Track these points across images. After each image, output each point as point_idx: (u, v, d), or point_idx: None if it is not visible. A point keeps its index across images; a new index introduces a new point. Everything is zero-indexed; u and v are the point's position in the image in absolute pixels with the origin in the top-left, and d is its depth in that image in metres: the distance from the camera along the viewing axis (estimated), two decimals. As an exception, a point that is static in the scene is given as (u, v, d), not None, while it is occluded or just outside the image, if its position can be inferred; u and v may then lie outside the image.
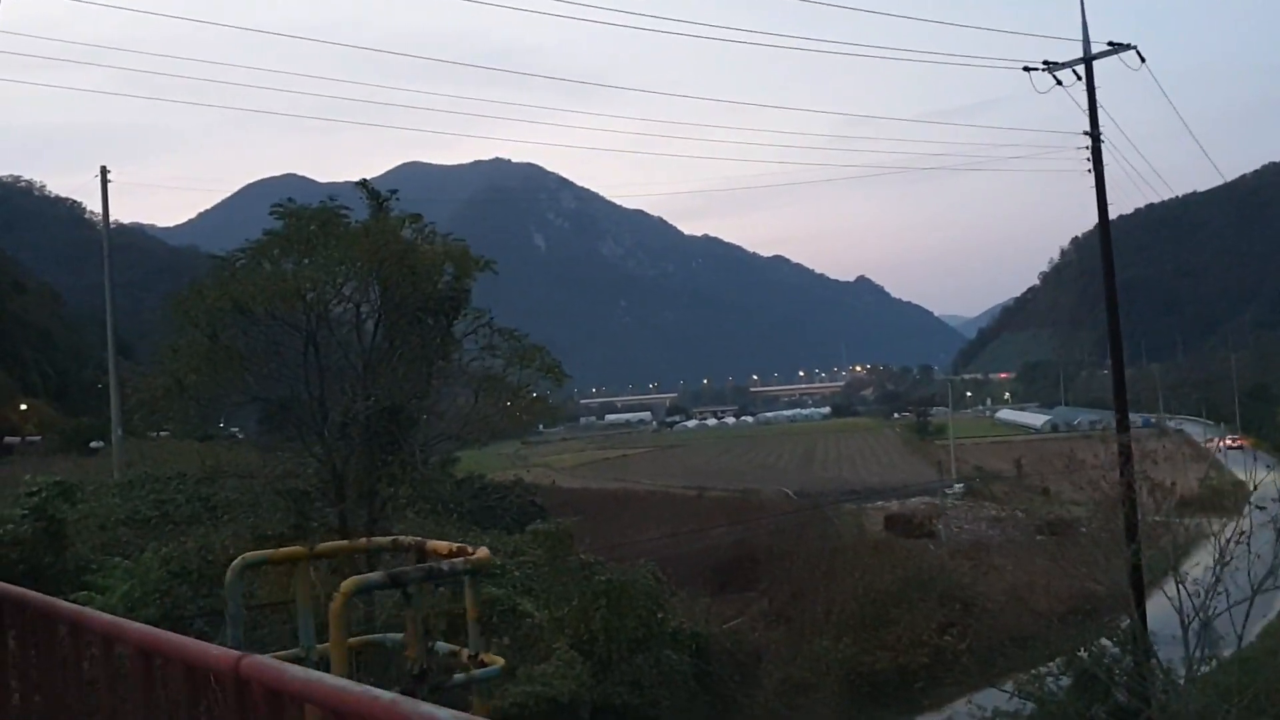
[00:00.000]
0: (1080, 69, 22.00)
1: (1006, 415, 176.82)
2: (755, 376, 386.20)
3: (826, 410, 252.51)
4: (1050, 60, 22.26)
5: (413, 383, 19.89)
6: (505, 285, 23.97)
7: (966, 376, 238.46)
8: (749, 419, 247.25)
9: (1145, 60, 22.46)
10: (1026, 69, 22.26)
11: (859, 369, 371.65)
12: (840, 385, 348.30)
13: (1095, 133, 21.82)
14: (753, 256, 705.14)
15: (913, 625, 24.98)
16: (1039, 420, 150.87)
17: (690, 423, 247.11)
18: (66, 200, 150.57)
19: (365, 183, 21.29)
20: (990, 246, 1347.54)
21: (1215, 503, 21.74)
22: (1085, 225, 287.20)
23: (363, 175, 22.13)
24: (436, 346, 20.33)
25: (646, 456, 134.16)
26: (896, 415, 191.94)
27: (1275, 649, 24.11)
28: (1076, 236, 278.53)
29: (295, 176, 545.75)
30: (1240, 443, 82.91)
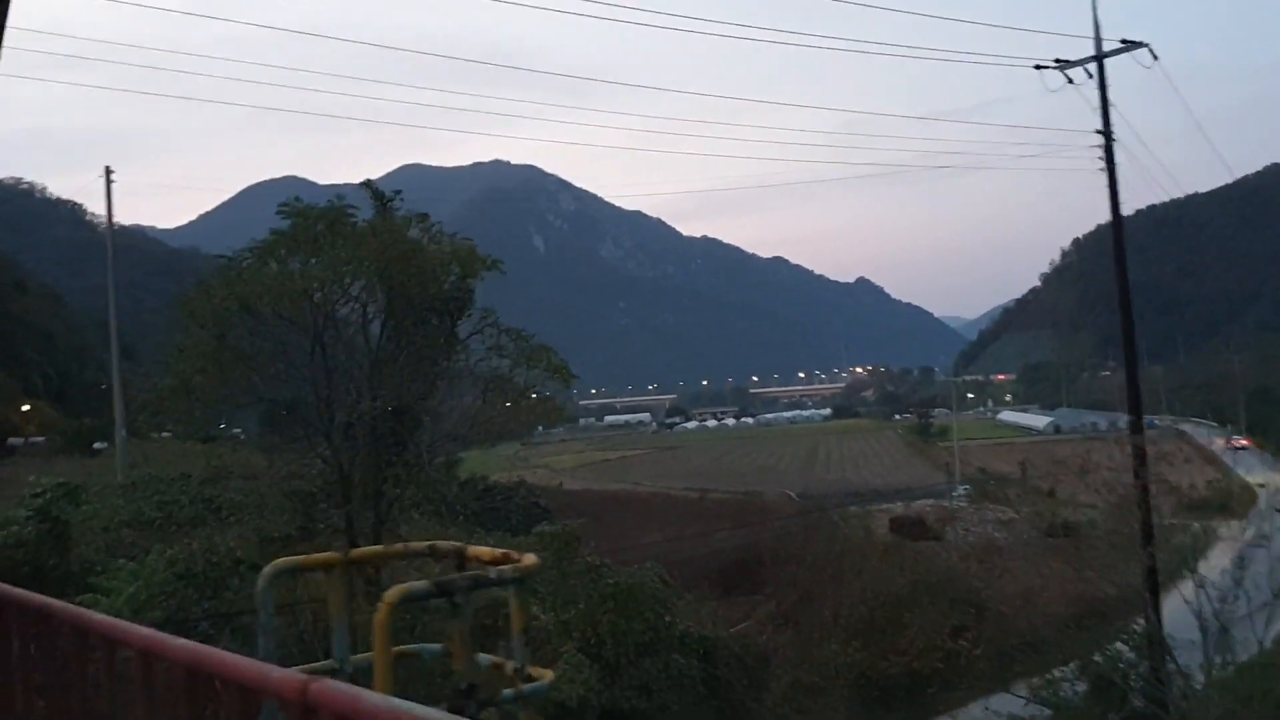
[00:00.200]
0: (1091, 67, 21.83)
1: (1008, 417, 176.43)
2: (755, 378, 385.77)
3: (827, 412, 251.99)
4: (1061, 58, 22.10)
5: (418, 383, 19.73)
6: (505, 286, 23.76)
7: (967, 378, 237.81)
8: (749, 420, 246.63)
9: (1158, 58, 22.29)
10: (1038, 67, 22.09)
11: (859, 370, 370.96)
12: (840, 387, 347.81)
13: (1108, 131, 21.65)
14: (752, 258, 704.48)
15: (925, 629, 24.70)
16: (1041, 422, 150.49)
17: (690, 424, 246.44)
18: (68, 202, 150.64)
19: (370, 183, 21.19)
20: (990, 248, 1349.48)
21: (1224, 505, 21.62)
22: (1086, 226, 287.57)
23: (363, 177, 22.03)
24: (441, 347, 20.18)
25: (647, 458, 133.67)
26: (898, 417, 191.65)
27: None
28: (1077, 238, 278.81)
29: (295, 178, 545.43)
30: (1246, 444, 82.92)
